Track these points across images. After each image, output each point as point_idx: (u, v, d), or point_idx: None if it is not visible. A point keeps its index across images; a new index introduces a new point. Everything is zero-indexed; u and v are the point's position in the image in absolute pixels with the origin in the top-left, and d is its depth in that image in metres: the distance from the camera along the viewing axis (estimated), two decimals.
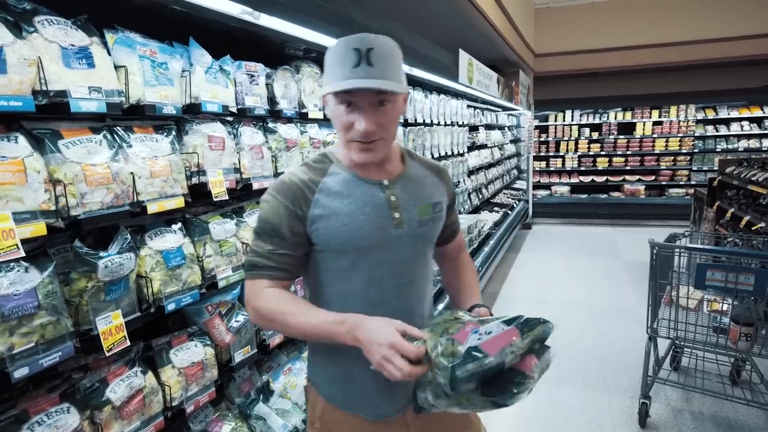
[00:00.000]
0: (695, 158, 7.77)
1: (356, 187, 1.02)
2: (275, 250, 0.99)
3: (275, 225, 0.98)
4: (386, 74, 0.91)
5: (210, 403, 1.63)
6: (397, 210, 1.03)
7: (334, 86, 0.91)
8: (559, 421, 2.59)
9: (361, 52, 0.89)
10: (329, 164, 1.05)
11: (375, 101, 0.92)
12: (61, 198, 1.12)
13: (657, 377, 2.55)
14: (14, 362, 1.03)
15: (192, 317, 1.64)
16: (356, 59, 0.89)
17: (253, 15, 1.52)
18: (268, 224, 0.99)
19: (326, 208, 0.99)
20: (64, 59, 1.15)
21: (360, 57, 0.89)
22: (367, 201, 1.01)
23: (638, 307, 4.09)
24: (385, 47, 0.92)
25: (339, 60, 0.91)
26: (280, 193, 1.00)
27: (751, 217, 3.71)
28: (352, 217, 0.99)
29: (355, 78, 0.89)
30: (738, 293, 2.18)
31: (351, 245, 0.99)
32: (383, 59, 0.91)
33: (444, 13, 3.96)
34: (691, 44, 6.96)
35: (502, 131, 6.97)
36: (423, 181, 1.11)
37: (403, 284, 1.05)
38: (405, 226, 1.03)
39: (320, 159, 1.07)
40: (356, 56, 0.89)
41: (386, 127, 0.96)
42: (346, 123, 0.95)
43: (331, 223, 0.98)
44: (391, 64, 0.93)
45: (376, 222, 1.00)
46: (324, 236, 0.99)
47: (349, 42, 0.91)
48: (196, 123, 1.56)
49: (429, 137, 3.54)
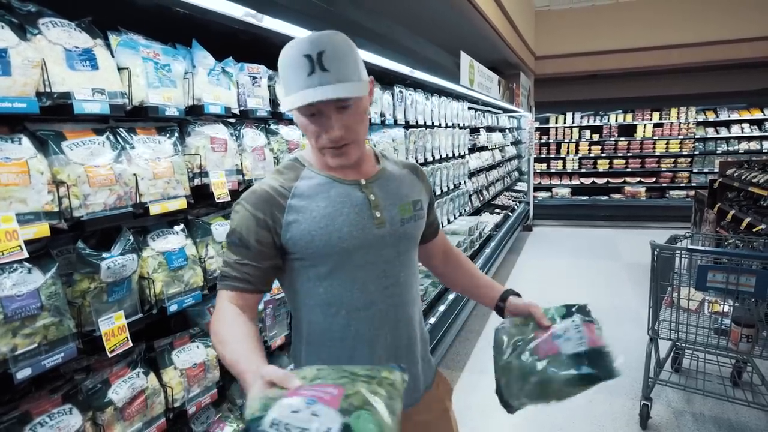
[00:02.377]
0: (696, 160, 7.77)
1: (332, 188, 0.99)
2: (240, 260, 0.95)
3: (241, 235, 0.95)
4: (342, 76, 0.87)
5: (212, 404, 1.63)
6: (378, 209, 1.00)
7: (292, 101, 0.88)
8: (560, 422, 2.59)
9: (313, 58, 0.85)
10: (301, 169, 1.02)
11: (338, 106, 0.90)
12: (64, 199, 1.12)
13: (658, 379, 2.55)
14: (17, 363, 1.03)
15: (194, 318, 1.65)
16: (309, 67, 0.85)
17: (256, 17, 1.52)
18: (235, 234, 0.96)
19: (301, 213, 0.96)
20: (68, 61, 1.15)
21: (312, 64, 0.85)
22: (345, 201, 0.98)
23: (639, 308, 4.08)
24: (336, 46, 0.87)
25: (292, 69, 0.87)
26: (249, 202, 0.97)
27: (752, 218, 3.71)
28: (330, 219, 0.95)
29: (310, 88, 0.85)
30: (739, 295, 2.18)
31: (331, 248, 0.95)
32: (336, 60, 0.86)
33: (445, 15, 3.97)
34: (692, 47, 6.97)
35: (503, 133, 6.98)
36: (401, 179, 1.09)
37: (388, 286, 1.02)
38: (387, 225, 1.00)
39: (291, 165, 1.04)
40: (308, 63, 0.85)
41: (354, 128, 0.94)
42: (315, 131, 0.92)
43: (307, 227, 0.95)
44: (345, 64, 0.88)
45: (357, 222, 0.97)
46: (300, 242, 0.95)
47: (299, 47, 0.87)
48: (199, 124, 1.57)
49: (430, 139, 3.54)
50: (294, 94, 0.87)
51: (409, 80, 3.22)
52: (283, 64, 0.90)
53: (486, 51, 5.37)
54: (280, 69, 0.92)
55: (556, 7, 7.52)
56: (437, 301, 3.19)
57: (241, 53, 1.78)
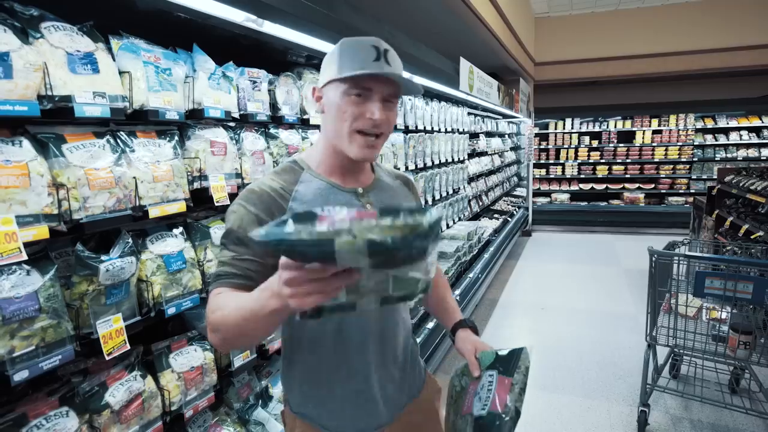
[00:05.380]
0: (694, 167, 7.79)
1: (331, 194, 0.99)
2: (238, 256, 0.91)
3: (239, 233, 0.91)
4: (400, 73, 0.95)
5: (209, 407, 1.63)
6: None
7: (357, 71, 0.89)
8: (558, 428, 2.58)
9: (380, 51, 0.91)
10: (300, 172, 1.01)
11: (387, 95, 0.94)
12: (63, 202, 1.13)
13: (656, 385, 2.55)
14: (14, 365, 1.03)
15: (192, 321, 1.65)
16: (376, 54, 0.91)
17: (256, 22, 1.53)
18: (233, 233, 0.92)
19: None
20: (70, 65, 1.16)
21: (379, 54, 0.91)
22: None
23: (637, 314, 4.08)
24: (395, 53, 0.96)
25: (355, 52, 0.91)
26: (249, 202, 0.94)
27: (750, 225, 3.72)
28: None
29: (378, 68, 0.90)
30: (737, 301, 2.18)
31: None
32: (397, 62, 0.95)
33: (445, 22, 3.99)
34: (691, 54, 7.01)
35: (503, 139, 7.00)
36: (395, 190, 1.11)
37: None
38: None
39: (289, 167, 1.03)
40: (375, 52, 0.91)
41: (390, 122, 0.97)
42: (356, 112, 0.92)
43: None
44: (401, 69, 0.98)
45: None
46: None
47: (366, 40, 0.93)
48: (199, 128, 1.57)
49: (429, 144, 3.55)
50: (354, 71, 0.90)
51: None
52: (346, 47, 0.93)
53: (486, 57, 5.40)
54: (337, 53, 0.94)
55: (556, 14, 7.56)
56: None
57: (241, 58, 1.79)
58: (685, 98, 7.83)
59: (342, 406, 1.03)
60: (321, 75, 0.99)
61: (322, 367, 1.00)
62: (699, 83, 7.80)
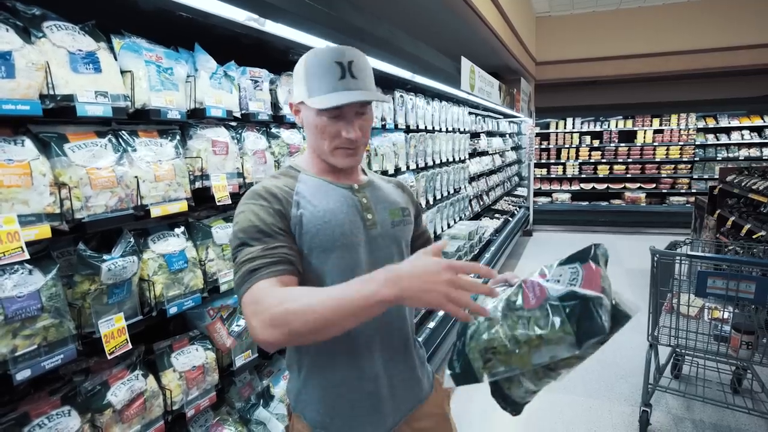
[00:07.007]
0: (696, 166, 7.78)
1: (330, 189, 1.03)
2: (268, 246, 0.88)
3: (260, 226, 0.90)
4: (367, 84, 0.97)
5: (210, 407, 1.62)
6: (369, 212, 1.04)
7: (324, 101, 0.93)
8: (560, 428, 2.58)
9: (344, 66, 0.93)
10: (297, 173, 1.06)
11: (359, 111, 0.98)
12: (66, 201, 1.13)
13: (658, 385, 2.54)
14: (16, 364, 1.03)
15: (193, 321, 1.64)
16: (340, 72, 0.93)
17: (258, 21, 1.53)
18: (253, 227, 0.90)
19: (307, 208, 0.97)
20: (72, 64, 1.16)
21: (343, 70, 0.93)
22: (343, 201, 1.02)
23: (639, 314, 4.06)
24: (361, 59, 0.97)
25: (321, 72, 0.94)
26: (258, 198, 0.95)
27: (752, 225, 3.71)
28: (333, 214, 0.99)
29: (342, 91, 0.93)
30: (739, 301, 2.18)
31: (336, 241, 0.97)
32: (362, 71, 0.96)
33: (446, 21, 3.99)
34: (692, 53, 7.00)
35: (504, 138, 6.99)
36: (388, 189, 1.15)
37: None
38: (378, 227, 1.04)
39: (286, 171, 1.07)
40: (339, 69, 0.93)
41: (367, 131, 1.02)
42: (332, 132, 0.98)
43: (313, 220, 0.96)
44: (368, 75, 0.99)
45: (353, 221, 1.01)
46: (308, 234, 0.96)
47: (329, 55, 0.94)
48: (201, 128, 1.57)
49: (430, 143, 3.55)
50: (325, 95, 0.93)
51: (409, 85, 3.24)
52: (311, 66, 0.96)
53: (487, 56, 5.39)
54: (305, 71, 0.97)
55: (557, 14, 7.55)
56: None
57: (243, 57, 1.79)
58: (687, 98, 7.82)
59: (351, 410, 1.02)
60: (294, 88, 1.03)
61: (327, 366, 1.01)
62: (700, 82, 7.78)
